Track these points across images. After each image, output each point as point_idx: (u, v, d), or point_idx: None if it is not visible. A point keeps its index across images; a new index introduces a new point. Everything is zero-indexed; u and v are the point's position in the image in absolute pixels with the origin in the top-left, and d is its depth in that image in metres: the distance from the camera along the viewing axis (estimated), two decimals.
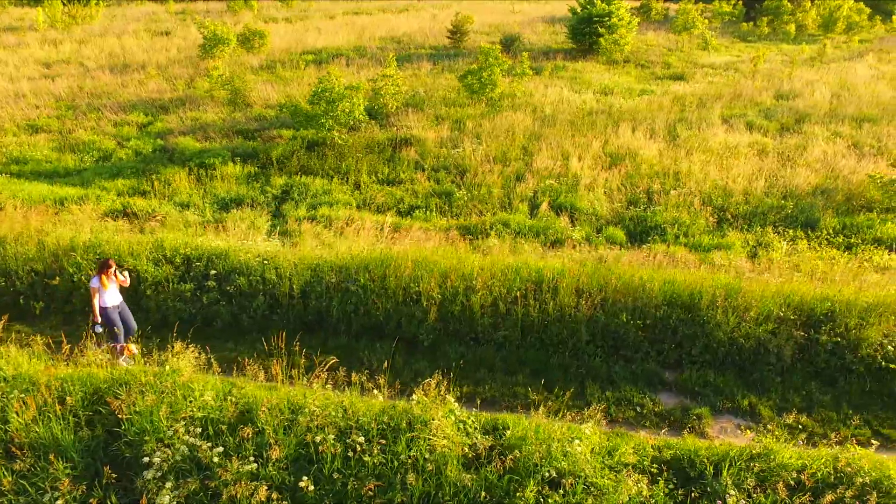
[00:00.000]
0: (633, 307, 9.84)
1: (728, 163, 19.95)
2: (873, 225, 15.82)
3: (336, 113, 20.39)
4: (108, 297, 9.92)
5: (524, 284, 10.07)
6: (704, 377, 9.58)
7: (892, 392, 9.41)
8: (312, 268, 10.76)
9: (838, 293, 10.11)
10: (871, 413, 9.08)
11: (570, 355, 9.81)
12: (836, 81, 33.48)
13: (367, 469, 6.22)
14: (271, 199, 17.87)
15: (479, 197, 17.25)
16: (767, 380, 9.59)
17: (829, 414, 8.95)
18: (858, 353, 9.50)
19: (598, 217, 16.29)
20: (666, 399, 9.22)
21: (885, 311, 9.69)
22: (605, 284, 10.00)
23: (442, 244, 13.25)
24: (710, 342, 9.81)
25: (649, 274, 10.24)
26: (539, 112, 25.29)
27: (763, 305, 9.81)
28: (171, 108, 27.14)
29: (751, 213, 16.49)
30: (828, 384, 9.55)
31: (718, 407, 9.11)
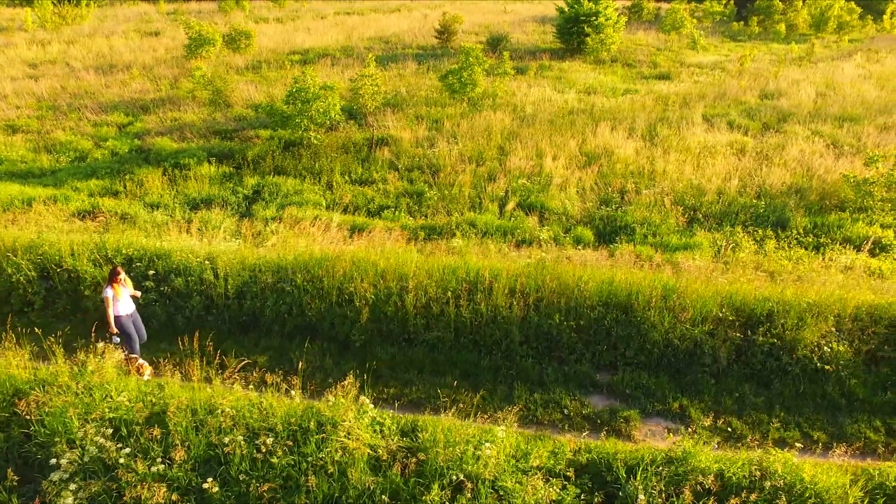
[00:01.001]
0: (566, 308, 9.73)
1: (704, 162, 19.86)
2: (844, 224, 15.72)
3: (311, 113, 20.29)
4: (122, 306, 9.72)
5: (460, 285, 9.96)
6: (637, 379, 9.46)
7: (825, 394, 9.30)
8: (251, 268, 10.66)
9: (780, 294, 9.99)
10: (803, 415, 8.96)
11: (502, 357, 9.70)
12: (822, 81, 33.38)
13: (274, 471, 6.13)
14: (242, 199, 17.79)
15: (449, 197, 17.16)
16: (701, 382, 9.48)
17: (760, 416, 8.84)
18: (795, 355, 9.37)
19: (568, 217, 16.20)
20: (596, 401, 9.11)
21: (825, 311, 9.57)
22: (541, 285, 9.89)
23: (401, 244, 13.15)
24: (644, 343, 9.69)
25: (588, 274, 10.12)
26: (519, 111, 25.20)
27: (702, 306, 9.70)
28: (153, 108, 27.06)
29: (722, 213, 16.39)
30: (762, 386, 9.42)
31: (648, 410, 9.00)
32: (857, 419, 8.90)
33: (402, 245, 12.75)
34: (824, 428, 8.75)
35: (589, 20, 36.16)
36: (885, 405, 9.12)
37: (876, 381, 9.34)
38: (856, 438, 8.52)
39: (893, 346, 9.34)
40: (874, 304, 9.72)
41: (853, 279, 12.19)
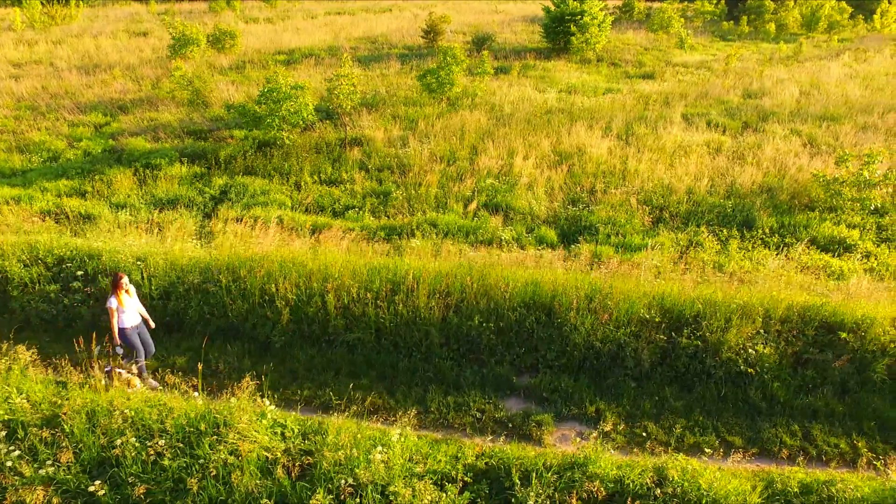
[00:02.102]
0: (487, 310, 9.60)
1: (678, 161, 19.73)
2: (811, 224, 15.59)
3: (281, 113, 20.18)
4: (128, 317, 9.29)
5: (383, 286, 9.84)
6: (556, 382, 9.31)
7: (747, 398, 9.14)
8: (180, 269, 10.54)
9: (711, 295, 9.84)
10: (722, 420, 8.81)
11: (422, 359, 9.57)
12: (807, 80, 33.25)
13: (165, 473, 6.03)
14: (209, 199, 17.69)
15: (416, 196, 17.04)
16: (622, 385, 9.32)
17: (678, 420, 8.67)
18: (719, 357, 9.21)
19: (534, 217, 16.07)
20: (512, 405, 8.97)
21: (753, 312, 9.41)
22: (464, 287, 9.76)
23: (355, 245, 13.05)
24: (565, 346, 9.53)
25: (514, 275, 9.98)
26: (497, 111, 25.08)
27: (629, 308, 9.56)
28: (131, 108, 26.98)
29: (689, 213, 16.26)
30: (685, 389, 9.27)
31: (564, 413, 8.84)
32: (777, 423, 8.74)
33: (346, 245, 12.63)
34: (742, 433, 8.59)
35: (574, 19, 36.03)
36: (806, 409, 8.98)
37: (800, 383, 9.18)
38: (772, 443, 8.36)
39: (820, 348, 9.19)
40: (807, 304, 9.56)
41: (806, 280, 12.06)
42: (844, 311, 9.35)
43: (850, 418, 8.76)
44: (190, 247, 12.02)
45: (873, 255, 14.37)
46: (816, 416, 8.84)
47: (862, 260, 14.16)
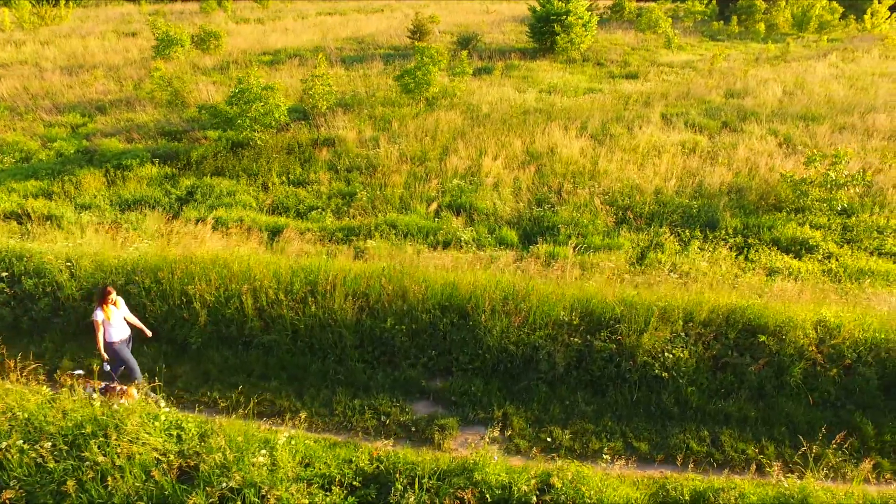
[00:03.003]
0: (402, 312, 9.50)
1: (649, 161, 19.62)
2: (775, 225, 15.47)
3: (251, 114, 20.11)
4: (115, 330, 8.98)
5: (303, 287, 9.76)
6: (467, 386, 9.20)
7: (660, 403, 8.98)
8: (108, 270, 10.46)
9: (635, 297, 9.72)
10: (632, 425, 8.67)
11: (335, 361, 9.48)
12: (792, 80, 33.12)
13: (50, 476, 5.96)
14: (175, 200, 17.62)
15: (381, 197, 16.96)
16: (534, 389, 9.18)
17: (586, 426, 8.54)
18: (635, 361, 9.10)
19: (497, 217, 15.98)
20: (421, 408, 8.87)
21: (674, 315, 9.28)
22: (380, 288, 9.67)
23: (311, 246, 12.97)
24: (479, 349, 9.43)
25: (433, 277, 9.88)
26: (476, 111, 24.99)
27: (549, 309, 9.45)
28: (110, 109, 26.93)
29: (654, 213, 16.15)
30: (598, 394, 9.14)
31: (470, 418, 8.72)
32: (686, 429, 8.58)
33: (297, 247, 12.55)
34: (650, 438, 8.45)
35: (559, 19, 35.94)
36: (719, 414, 8.84)
37: (717, 388, 9.06)
38: (678, 449, 8.23)
39: (740, 352, 9.06)
40: (733, 307, 9.44)
41: (755, 280, 11.96)
42: (768, 314, 9.23)
43: (763, 423, 8.61)
44: (133, 248, 11.93)
45: (835, 256, 14.26)
46: (728, 422, 8.70)
47: (822, 261, 14.05)
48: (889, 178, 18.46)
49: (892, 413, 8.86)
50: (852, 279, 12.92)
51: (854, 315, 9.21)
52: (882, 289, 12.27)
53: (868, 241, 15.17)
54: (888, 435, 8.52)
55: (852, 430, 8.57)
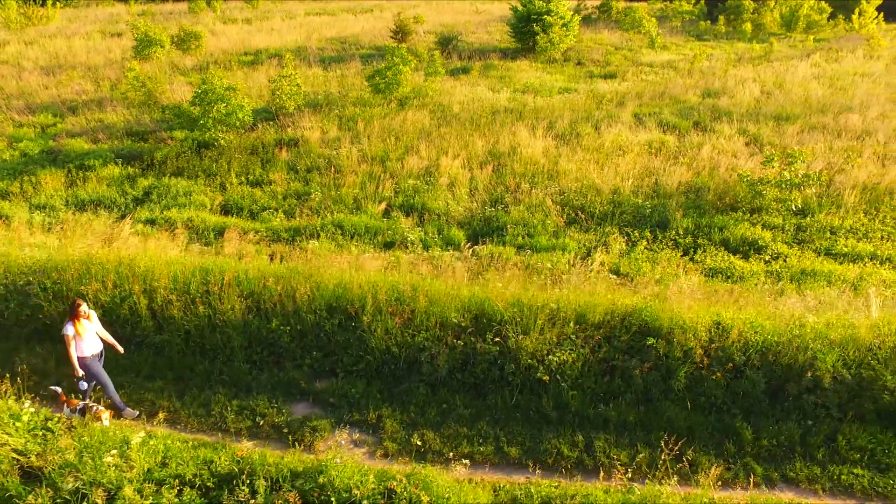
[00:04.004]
0: (288, 312, 9.44)
1: (611, 161, 19.52)
2: (726, 225, 15.37)
3: (213, 114, 20.07)
4: (87, 345, 8.74)
5: (199, 288, 9.71)
6: (347, 387, 9.13)
7: (539, 407, 8.87)
8: (15, 271, 10.40)
9: (532, 298, 9.61)
10: (508, 429, 8.56)
11: (223, 362, 9.44)
12: (772, 80, 32.99)
13: None
14: (131, 200, 17.60)
15: (335, 197, 16.89)
16: (414, 391, 9.10)
17: (461, 430, 8.43)
18: (519, 364, 9.00)
19: (449, 217, 15.90)
20: (298, 409, 8.81)
21: (566, 317, 9.16)
22: (265, 288, 9.62)
23: (251, 246, 12.92)
24: (363, 350, 9.36)
25: (323, 276, 9.81)
26: (447, 111, 24.92)
27: (441, 311, 9.36)
28: (82, 109, 26.91)
29: (607, 213, 16.06)
30: (479, 397, 9.03)
31: (345, 420, 8.66)
32: (561, 434, 8.46)
33: (236, 247, 12.49)
34: (522, 443, 8.33)
35: (540, 19, 35.84)
36: (598, 418, 8.73)
37: (603, 391, 8.93)
38: (548, 455, 8.12)
39: (629, 355, 8.92)
40: (632, 308, 9.32)
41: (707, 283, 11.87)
42: (663, 316, 9.11)
43: (642, 428, 8.48)
44: (33, 248, 11.85)
45: (782, 256, 14.16)
46: (607, 427, 8.58)
47: (769, 262, 13.95)
48: (850, 179, 18.33)
49: (775, 417, 8.80)
50: (794, 280, 12.82)
51: (747, 317, 9.09)
52: (822, 289, 12.16)
53: (820, 242, 15.07)
54: (765, 440, 8.44)
55: (732, 435, 8.50)
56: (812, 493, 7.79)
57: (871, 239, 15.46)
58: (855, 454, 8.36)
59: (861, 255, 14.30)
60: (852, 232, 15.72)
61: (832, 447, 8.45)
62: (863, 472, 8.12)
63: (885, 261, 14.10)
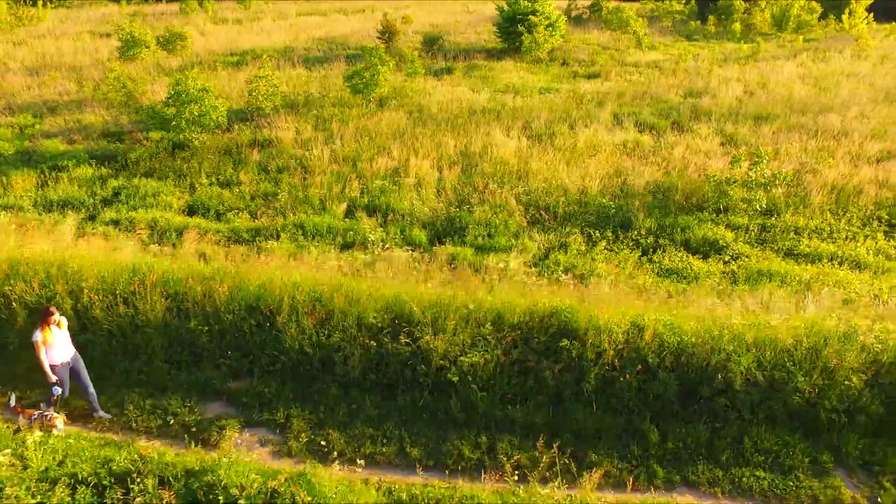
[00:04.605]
0: (207, 312, 9.45)
1: (583, 161, 19.51)
2: (689, 226, 15.35)
3: (186, 115, 20.10)
4: (57, 352, 8.64)
5: (127, 287, 9.73)
6: (261, 388, 9.17)
7: (448, 408, 8.85)
8: None
9: (450, 298, 9.60)
10: (414, 430, 8.56)
11: (144, 361, 9.48)
12: (756, 80, 32.97)
13: None
14: (99, 201, 17.61)
15: (301, 198, 16.90)
16: (326, 392, 9.14)
17: (367, 430, 8.45)
18: (431, 365, 9.00)
19: (414, 218, 15.91)
20: (212, 409, 8.86)
21: (484, 317, 9.14)
22: (190, 289, 9.63)
23: (209, 247, 12.95)
24: (278, 350, 9.38)
25: (243, 275, 9.82)
26: (425, 111, 24.92)
27: (360, 311, 9.36)
28: (62, 110, 26.97)
29: (572, 213, 16.05)
30: (390, 398, 9.06)
31: (254, 419, 8.71)
32: (465, 435, 8.45)
33: (192, 248, 12.51)
34: (425, 444, 8.33)
35: (525, 19, 35.85)
36: (505, 420, 8.69)
37: (512, 393, 8.89)
38: (449, 456, 8.12)
39: (544, 357, 8.86)
40: (552, 309, 9.28)
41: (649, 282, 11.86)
42: (580, 318, 9.08)
43: (548, 430, 8.39)
44: None
45: (742, 256, 14.15)
46: (513, 429, 8.56)
47: (728, 262, 13.94)
48: (819, 179, 18.32)
49: (686, 420, 8.77)
50: (749, 281, 12.81)
51: (667, 318, 9.06)
52: (775, 291, 12.14)
53: (783, 242, 15.06)
54: (671, 442, 8.42)
55: (639, 438, 8.49)
56: (711, 496, 7.80)
57: (835, 239, 15.46)
58: (759, 456, 8.34)
59: (822, 256, 14.28)
60: (817, 232, 15.72)
61: (738, 449, 8.43)
62: (765, 475, 8.12)
63: (845, 261, 14.09)
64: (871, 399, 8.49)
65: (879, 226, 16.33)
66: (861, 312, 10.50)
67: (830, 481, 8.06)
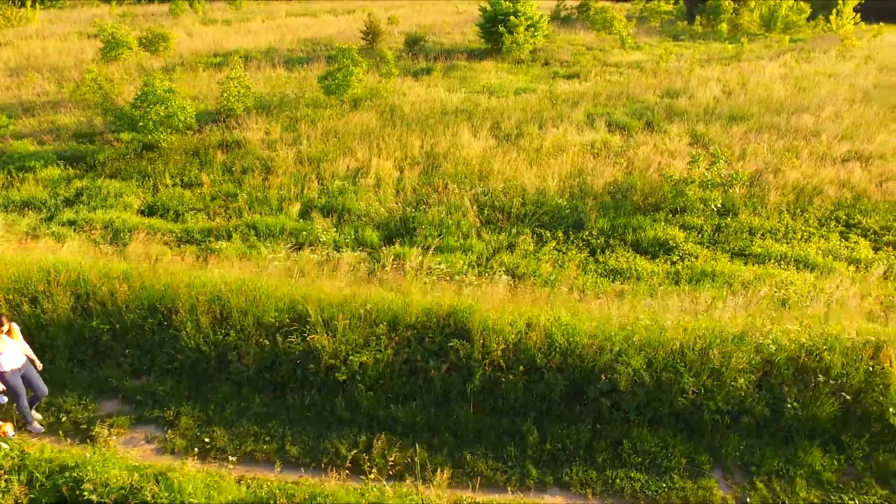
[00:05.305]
0: (108, 311, 9.52)
1: (547, 162, 19.53)
2: (642, 226, 15.37)
3: (152, 116, 20.17)
4: (7, 359, 8.50)
5: (36, 287, 9.80)
6: (156, 385, 9.24)
7: (333, 407, 8.90)
8: None
9: (351, 298, 9.64)
10: (298, 428, 8.60)
11: (49, 360, 9.51)
12: (737, 80, 32.96)
13: None
14: (61, 202, 17.69)
15: (261, 199, 16.96)
16: (219, 390, 9.20)
17: (252, 428, 8.53)
18: (321, 364, 9.05)
19: (370, 218, 15.95)
20: (107, 407, 8.97)
21: (378, 317, 9.15)
22: (97, 288, 9.70)
23: (158, 247, 13.04)
24: (177, 349, 9.44)
25: (146, 274, 9.90)
26: (398, 112, 24.97)
27: (259, 310, 9.41)
28: (38, 110, 27.06)
29: (527, 214, 16.08)
30: (280, 396, 9.11)
31: (145, 416, 8.79)
32: (345, 434, 8.49)
33: (136, 248, 12.59)
34: (306, 442, 8.39)
35: (506, 20, 35.88)
36: (387, 419, 8.74)
37: (401, 393, 8.93)
38: (325, 454, 8.18)
39: (436, 356, 8.84)
40: (450, 309, 9.31)
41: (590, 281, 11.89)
42: (473, 318, 9.08)
43: (429, 430, 8.49)
44: None
45: (691, 256, 14.17)
46: (394, 428, 8.61)
47: (676, 262, 13.96)
48: (781, 179, 18.34)
49: (570, 421, 8.77)
50: (692, 281, 12.83)
51: (562, 319, 9.07)
52: (714, 290, 12.16)
53: (735, 243, 15.08)
54: (550, 443, 8.43)
55: (518, 438, 8.50)
56: (581, 497, 7.82)
57: (789, 240, 15.47)
58: (637, 458, 8.34)
59: (772, 256, 14.30)
60: (772, 232, 15.73)
61: (617, 451, 8.44)
62: (639, 476, 8.13)
63: (793, 262, 14.10)
64: (757, 400, 8.51)
65: (836, 226, 16.36)
66: (790, 313, 10.52)
67: (704, 482, 8.04)
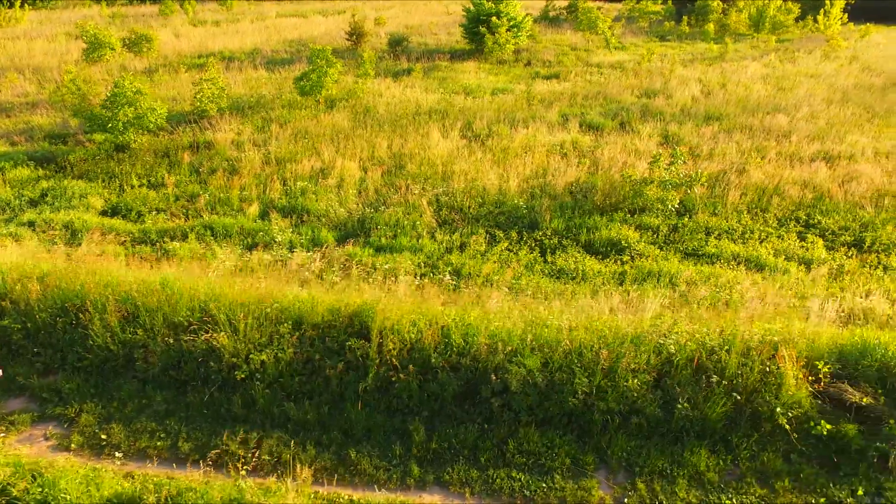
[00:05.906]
0: (19, 311, 9.64)
1: (512, 161, 19.60)
2: (596, 226, 15.44)
3: (121, 117, 20.28)
4: None
5: None
6: (63, 383, 9.36)
7: (230, 405, 8.96)
8: None
9: (266, 296, 9.72)
10: (194, 426, 8.69)
11: None
12: (717, 80, 32.99)
13: None
14: (26, 202, 17.79)
15: (223, 199, 17.06)
16: (124, 387, 9.32)
17: (149, 425, 8.65)
18: (222, 362, 9.13)
19: (328, 219, 16.04)
20: (14, 404, 9.11)
21: (284, 316, 9.23)
22: (8, 288, 9.83)
23: (110, 247, 13.17)
24: (86, 348, 9.55)
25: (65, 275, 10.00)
26: (373, 112, 25.06)
27: (170, 310, 9.52)
28: (14, 111, 27.19)
29: (484, 214, 16.15)
30: (181, 394, 9.20)
31: (47, 414, 8.93)
32: (238, 430, 8.55)
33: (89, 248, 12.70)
34: (198, 439, 8.47)
35: (488, 20, 35.97)
36: (281, 417, 8.79)
37: (299, 391, 8.97)
38: (216, 450, 8.30)
39: (336, 355, 8.93)
40: (356, 308, 9.39)
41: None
42: (376, 317, 9.13)
43: (319, 428, 8.60)
44: None
45: (642, 257, 14.23)
46: (286, 426, 8.70)
47: (626, 262, 14.02)
48: (745, 179, 18.39)
49: (458, 421, 8.81)
50: (637, 281, 12.89)
51: (465, 318, 9.14)
52: (654, 290, 12.22)
53: (689, 243, 15.12)
54: (436, 443, 8.49)
55: (405, 437, 8.58)
56: (459, 496, 7.86)
57: (746, 240, 15.51)
58: (521, 458, 8.37)
59: (723, 256, 14.35)
60: (728, 233, 15.77)
61: (502, 450, 8.47)
62: (520, 476, 8.15)
63: (746, 261, 14.15)
64: (650, 401, 8.55)
65: (796, 226, 16.40)
66: (727, 313, 10.60)
67: (585, 483, 8.07)
